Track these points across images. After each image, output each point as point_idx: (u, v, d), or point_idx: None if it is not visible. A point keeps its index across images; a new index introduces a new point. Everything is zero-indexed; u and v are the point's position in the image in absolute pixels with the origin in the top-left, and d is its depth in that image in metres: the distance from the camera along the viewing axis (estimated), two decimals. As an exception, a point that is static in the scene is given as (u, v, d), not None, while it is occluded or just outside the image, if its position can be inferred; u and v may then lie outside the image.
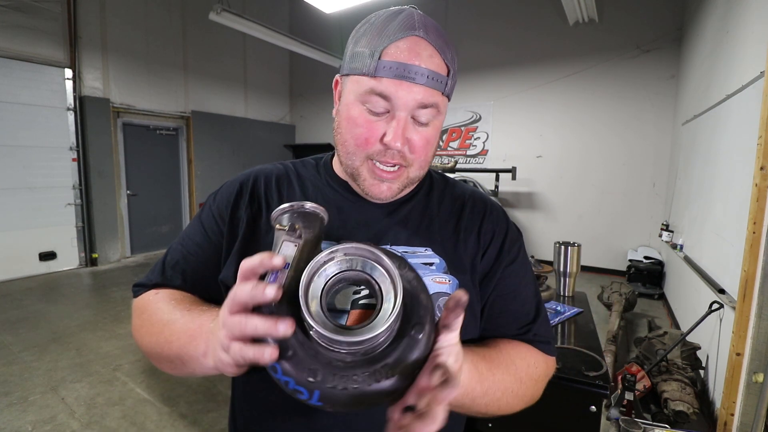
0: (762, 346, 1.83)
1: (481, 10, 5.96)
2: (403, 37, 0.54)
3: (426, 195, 0.68)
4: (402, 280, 0.38)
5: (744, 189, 2.06)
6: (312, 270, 0.37)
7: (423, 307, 0.41)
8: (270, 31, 5.31)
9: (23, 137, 4.50)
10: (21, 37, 4.41)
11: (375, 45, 0.54)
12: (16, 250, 4.53)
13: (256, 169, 0.69)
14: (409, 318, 0.39)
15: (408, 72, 0.53)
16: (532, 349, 0.63)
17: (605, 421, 1.91)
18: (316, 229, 0.43)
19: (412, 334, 0.38)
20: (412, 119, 0.56)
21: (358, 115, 0.56)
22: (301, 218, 0.43)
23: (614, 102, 5.25)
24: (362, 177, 0.59)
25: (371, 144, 0.56)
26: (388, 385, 0.36)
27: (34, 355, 2.83)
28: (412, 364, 0.38)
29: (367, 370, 0.36)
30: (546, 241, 5.70)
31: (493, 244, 0.65)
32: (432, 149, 0.60)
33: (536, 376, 0.61)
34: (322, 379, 0.36)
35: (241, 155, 7.09)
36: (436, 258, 0.61)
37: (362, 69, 0.55)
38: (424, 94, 0.54)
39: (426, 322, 0.39)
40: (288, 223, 0.42)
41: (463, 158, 6.37)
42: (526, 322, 0.65)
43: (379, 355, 0.37)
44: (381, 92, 0.54)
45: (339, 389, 0.36)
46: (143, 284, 0.66)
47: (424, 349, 0.38)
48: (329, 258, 0.38)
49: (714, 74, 3.06)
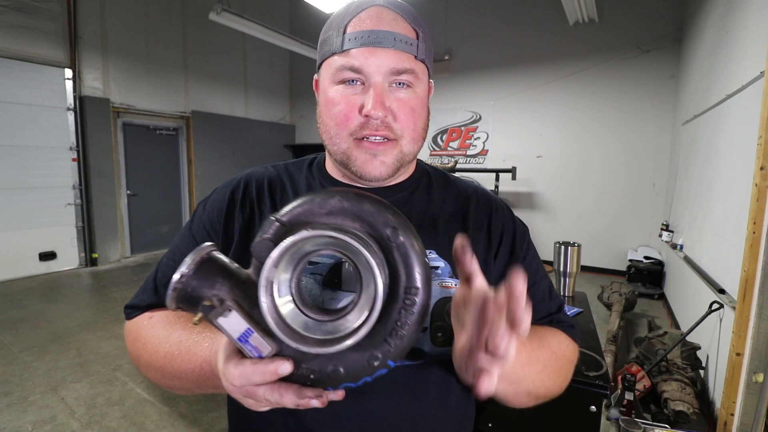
0: (762, 346, 1.83)
1: (480, 10, 5.95)
2: (364, 9, 0.54)
3: (426, 192, 0.65)
4: (382, 262, 0.35)
5: (744, 189, 2.06)
6: (266, 291, 0.34)
7: (416, 269, 0.37)
8: (270, 31, 5.31)
9: (23, 137, 4.50)
10: (21, 37, 4.40)
11: (339, 23, 0.54)
12: (16, 250, 4.53)
13: (247, 173, 0.67)
14: (395, 292, 0.37)
15: (373, 37, 0.52)
16: (557, 330, 0.63)
17: (605, 421, 1.91)
18: (220, 268, 0.37)
19: (406, 303, 0.37)
20: (391, 87, 0.54)
21: (335, 94, 0.55)
22: (199, 288, 0.36)
23: (614, 102, 5.25)
24: (353, 158, 0.56)
25: (351, 119, 0.54)
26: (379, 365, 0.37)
27: (34, 355, 2.83)
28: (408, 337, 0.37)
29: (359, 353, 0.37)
30: (546, 241, 5.69)
31: (503, 244, 0.63)
32: (421, 120, 0.58)
33: (568, 353, 0.60)
34: (330, 370, 0.36)
35: (241, 155, 7.09)
36: (441, 261, 0.59)
37: (331, 49, 0.55)
38: (394, 58, 0.53)
39: (419, 292, 0.37)
40: (202, 311, 0.36)
41: (463, 158, 6.37)
42: (548, 313, 0.64)
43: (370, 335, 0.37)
44: (351, 65, 0.53)
45: (330, 371, 0.37)
46: (136, 306, 0.64)
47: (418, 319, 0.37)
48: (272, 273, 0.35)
49: (714, 74, 3.06)
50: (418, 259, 0.37)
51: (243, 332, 0.36)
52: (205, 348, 0.50)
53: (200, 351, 0.50)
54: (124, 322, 0.67)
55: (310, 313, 0.37)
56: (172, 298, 0.36)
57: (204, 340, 0.51)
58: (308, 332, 0.36)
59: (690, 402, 2.02)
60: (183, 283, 0.36)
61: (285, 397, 0.37)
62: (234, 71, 7.00)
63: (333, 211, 0.37)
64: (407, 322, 0.37)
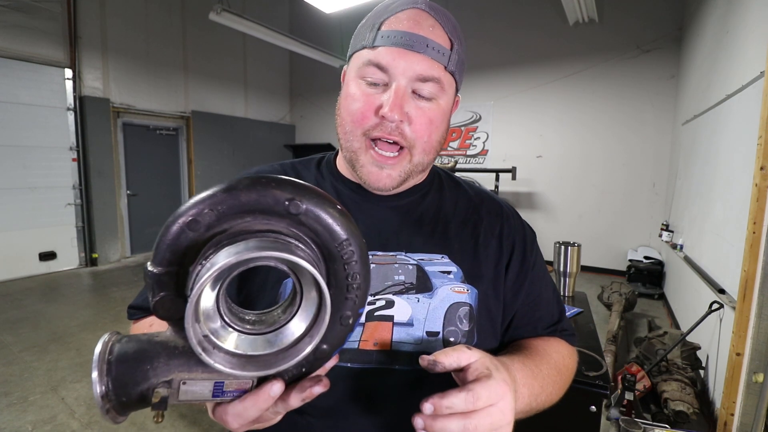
0: (762, 346, 1.83)
1: (481, 10, 5.96)
2: (403, 9, 0.53)
3: (438, 195, 0.65)
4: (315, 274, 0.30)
5: (744, 189, 2.06)
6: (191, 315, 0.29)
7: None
8: (270, 31, 5.31)
9: (23, 137, 4.50)
10: (21, 37, 4.40)
11: (375, 19, 0.53)
12: (16, 250, 4.53)
13: (254, 171, 0.66)
14: (330, 254, 0.35)
15: (406, 39, 0.51)
16: (560, 341, 0.64)
17: (605, 421, 1.91)
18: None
19: (345, 258, 0.35)
20: (414, 94, 0.53)
21: (356, 89, 0.54)
22: (131, 392, 0.33)
23: (614, 102, 5.25)
24: (360, 163, 0.55)
25: (368, 118, 0.53)
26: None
27: (34, 355, 2.83)
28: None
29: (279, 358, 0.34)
30: (546, 241, 5.68)
31: (516, 252, 0.63)
32: (437, 133, 0.56)
33: (570, 365, 0.62)
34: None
35: (241, 155, 7.09)
36: (453, 266, 0.59)
37: (362, 43, 0.54)
38: (423, 65, 0.51)
39: (350, 242, 0.35)
40: (155, 408, 0.33)
41: (463, 158, 6.37)
42: (552, 322, 0.65)
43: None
44: (378, 62, 0.51)
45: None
46: (139, 307, 0.63)
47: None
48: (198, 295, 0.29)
49: (714, 74, 3.06)
50: (331, 214, 0.34)
51: (213, 390, 0.33)
52: None
53: None
54: (124, 322, 0.67)
55: (253, 329, 0.34)
56: (110, 418, 0.32)
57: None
58: (267, 349, 0.33)
59: (690, 402, 2.02)
60: (110, 404, 0.32)
61: (289, 402, 0.36)
62: (234, 71, 6.99)
63: (211, 225, 0.31)
64: (357, 271, 0.36)
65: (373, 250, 0.58)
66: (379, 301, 0.56)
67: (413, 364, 0.54)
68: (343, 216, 0.35)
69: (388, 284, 0.57)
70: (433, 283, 0.57)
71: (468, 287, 0.58)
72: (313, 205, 0.33)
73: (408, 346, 0.55)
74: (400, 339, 0.55)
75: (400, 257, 0.58)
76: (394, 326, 0.55)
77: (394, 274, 0.57)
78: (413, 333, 0.55)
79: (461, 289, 0.58)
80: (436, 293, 0.57)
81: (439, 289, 0.57)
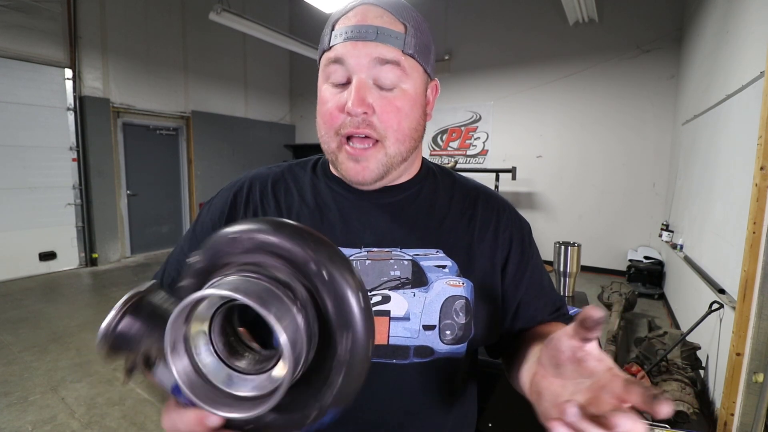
0: (762, 346, 1.83)
1: (480, 10, 5.95)
2: (353, 8, 0.55)
3: (433, 191, 0.65)
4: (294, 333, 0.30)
5: (744, 189, 2.06)
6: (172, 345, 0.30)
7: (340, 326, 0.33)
8: (270, 31, 5.31)
9: (23, 137, 4.50)
10: (21, 37, 4.40)
11: (330, 23, 0.56)
12: (16, 250, 4.53)
13: (251, 174, 0.67)
14: (327, 335, 0.33)
15: (356, 32, 0.52)
16: (564, 325, 0.65)
17: (605, 421, 1.91)
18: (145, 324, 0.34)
19: (338, 349, 0.33)
20: (377, 85, 0.54)
21: (325, 92, 0.56)
22: (125, 342, 0.33)
23: (614, 102, 5.25)
24: (339, 160, 0.56)
25: (336, 117, 0.54)
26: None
27: (34, 355, 2.83)
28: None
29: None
30: (546, 241, 5.69)
31: (514, 246, 0.64)
32: (408, 120, 0.56)
33: None
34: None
35: (241, 155, 7.09)
36: (448, 261, 0.59)
37: (322, 48, 0.56)
38: (376, 50, 0.52)
39: (353, 332, 0.33)
40: (132, 357, 0.33)
41: (463, 158, 6.37)
42: (555, 308, 0.66)
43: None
44: (335, 58, 0.53)
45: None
46: None
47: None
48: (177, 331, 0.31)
49: (714, 74, 3.06)
50: (353, 295, 0.32)
51: (175, 384, 0.33)
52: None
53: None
54: (124, 321, 0.67)
55: (238, 363, 0.33)
56: (104, 353, 0.33)
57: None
58: (232, 388, 0.33)
59: (690, 402, 2.02)
60: (110, 336, 0.33)
61: None
62: (234, 71, 6.99)
63: (249, 249, 0.33)
64: (342, 371, 0.33)
65: (368, 246, 0.59)
66: (375, 297, 0.57)
67: (410, 358, 0.56)
68: (361, 303, 0.33)
69: (384, 280, 0.58)
70: (429, 278, 0.58)
71: (463, 280, 0.59)
72: (335, 278, 0.32)
73: (405, 340, 0.56)
74: (397, 333, 0.56)
75: (396, 253, 0.59)
76: (391, 321, 0.56)
77: (390, 269, 0.58)
78: (410, 327, 0.57)
79: (456, 282, 0.58)
80: (432, 287, 0.58)
81: (435, 283, 0.58)
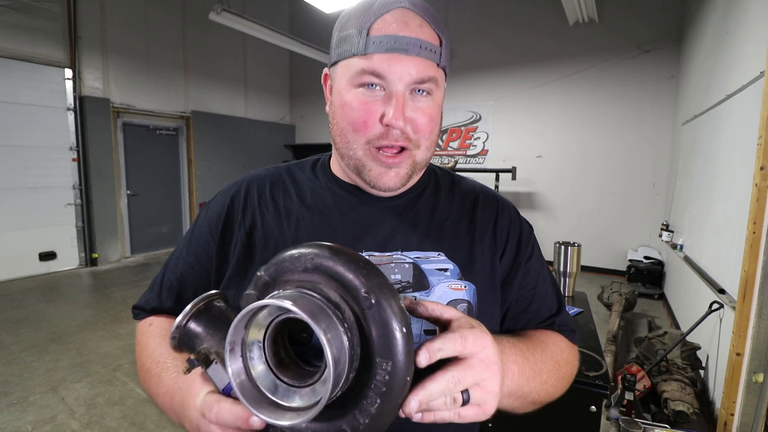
0: (762, 346, 1.83)
1: (481, 10, 5.95)
2: (389, 10, 0.51)
3: (434, 193, 0.65)
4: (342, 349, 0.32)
5: (744, 189, 2.06)
6: (232, 351, 0.34)
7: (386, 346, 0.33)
8: (270, 31, 5.31)
9: (23, 137, 4.50)
10: (21, 37, 4.40)
11: (362, 23, 0.52)
12: (16, 250, 4.53)
13: (249, 175, 0.65)
14: (369, 363, 0.34)
15: (399, 44, 0.50)
16: (558, 335, 0.63)
17: (605, 421, 1.91)
18: (213, 319, 0.39)
19: (377, 378, 0.33)
20: (411, 96, 0.53)
21: (353, 98, 0.53)
22: (192, 339, 0.38)
23: (614, 102, 5.25)
24: (368, 167, 0.55)
25: (370, 127, 0.52)
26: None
27: (34, 355, 2.83)
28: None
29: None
30: (546, 241, 5.69)
31: (509, 244, 0.63)
32: (436, 128, 0.57)
33: (570, 359, 0.60)
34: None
35: (241, 155, 7.09)
36: (450, 264, 0.59)
37: (351, 50, 0.52)
38: (418, 67, 0.51)
39: (394, 363, 0.33)
40: (195, 355, 0.38)
41: (463, 158, 6.37)
42: (549, 315, 0.64)
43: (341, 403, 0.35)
44: (373, 70, 0.51)
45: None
46: (141, 307, 0.65)
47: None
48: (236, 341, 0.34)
49: (714, 74, 3.06)
50: (397, 325, 0.33)
51: (226, 384, 0.38)
52: (171, 378, 0.49)
53: (167, 379, 0.50)
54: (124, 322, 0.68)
55: (284, 375, 0.35)
56: (172, 345, 0.39)
57: (172, 370, 0.50)
58: (276, 396, 0.34)
59: (690, 402, 2.02)
60: (179, 332, 0.38)
61: None
62: (234, 71, 7.00)
63: (308, 269, 0.35)
64: (377, 399, 0.33)
65: (369, 250, 0.58)
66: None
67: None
68: (404, 335, 0.34)
69: None
70: (430, 281, 0.57)
71: (465, 284, 0.58)
72: (383, 309, 0.34)
73: None
74: None
75: (397, 256, 0.58)
76: None
77: (391, 273, 0.57)
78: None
79: (458, 286, 0.58)
80: (434, 291, 0.57)
81: (436, 287, 0.57)
